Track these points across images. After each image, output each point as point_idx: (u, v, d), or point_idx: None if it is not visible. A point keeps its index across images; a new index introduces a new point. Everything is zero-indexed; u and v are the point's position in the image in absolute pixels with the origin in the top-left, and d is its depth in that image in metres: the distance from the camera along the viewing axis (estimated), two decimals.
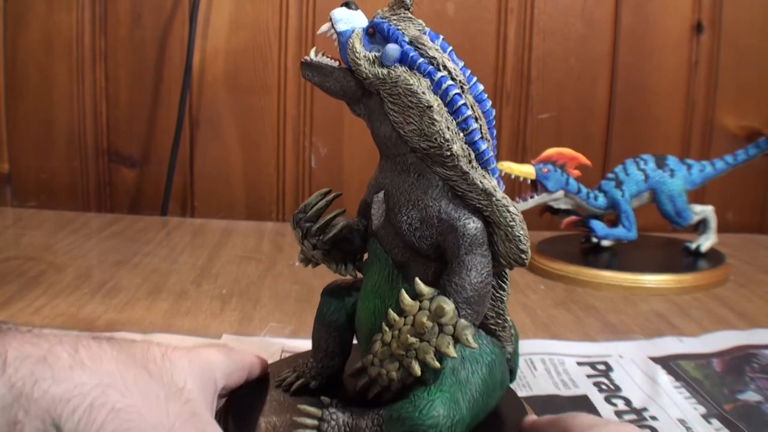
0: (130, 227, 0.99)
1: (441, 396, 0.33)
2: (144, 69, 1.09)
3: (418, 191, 0.35)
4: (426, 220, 0.35)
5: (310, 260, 0.41)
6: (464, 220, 0.34)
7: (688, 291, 0.76)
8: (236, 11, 1.07)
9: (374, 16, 0.37)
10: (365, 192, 0.40)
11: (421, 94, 0.33)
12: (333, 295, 0.42)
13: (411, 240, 0.35)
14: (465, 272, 0.34)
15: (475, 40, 1.07)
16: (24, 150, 1.11)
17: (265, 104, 1.10)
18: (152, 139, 1.10)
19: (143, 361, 0.31)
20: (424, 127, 0.33)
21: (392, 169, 0.37)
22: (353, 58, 0.35)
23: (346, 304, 0.42)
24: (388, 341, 0.34)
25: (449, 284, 0.34)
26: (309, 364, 0.42)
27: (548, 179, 0.81)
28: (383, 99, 0.35)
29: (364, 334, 0.39)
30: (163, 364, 0.32)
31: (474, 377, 0.35)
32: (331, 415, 0.35)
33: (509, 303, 0.40)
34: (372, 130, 0.37)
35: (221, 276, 0.76)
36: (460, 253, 0.34)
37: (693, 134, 1.12)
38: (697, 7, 1.08)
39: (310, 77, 0.37)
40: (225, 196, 1.12)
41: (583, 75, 1.10)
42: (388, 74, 0.34)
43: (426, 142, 0.33)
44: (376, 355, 0.34)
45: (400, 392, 0.35)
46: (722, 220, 0.88)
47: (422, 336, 0.33)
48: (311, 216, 0.40)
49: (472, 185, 0.34)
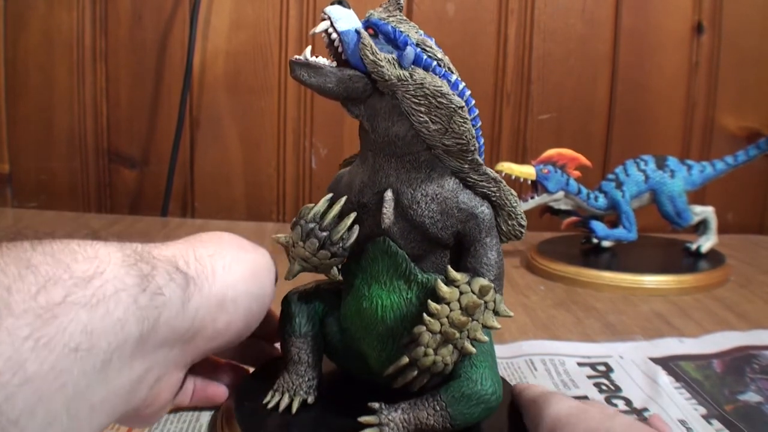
0: (131, 228, 0.99)
1: (485, 367, 0.37)
2: (144, 69, 1.09)
3: (434, 185, 0.37)
4: (446, 212, 0.37)
5: (312, 270, 0.39)
6: (481, 207, 0.38)
7: (688, 292, 0.76)
8: (236, 12, 1.07)
9: (368, 16, 0.36)
10: (348, 194, 0.39)
11: (452, 96, 0.35)
12: (302, 304, 0.42)
13: (434, 232, 0.37)
14: (490, 253, 0.38)
15: (475, 40, 1.07)
16: (24, 150, 1.11)
17: (265, 105, 1.10)
18: (153, 139, 1.10)
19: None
20: (453, 126, 0.36)
21: (397, 168, 0.37)
22: (375, 60, 0.35)
23: (317, 311, 0.42)
24: (438, 329, 0.36)
25: (480, 266, 0.37)
26: (294, 380, 0.41)
27: (548, 180, 0.81)
28: (402, 100, 0.35)
29: (378, 332, 0.38)
30: None
31: (490, 344, 0.39)
32: (388, 417, 0.36)
33: (510, 304, 0.40)
34: (374, 130, 0.37)
35: None
36: (482, 237, 0.38)
37: (693, 135, 1.12)
38: (698, 7, 1.08)
39: (305, 78, 0.36)
40: (225, 197, 1.12)
41: (583, 75, 1.10)
42: (411, 76, 0.35)
43: (453, 139, 0.36)
44: (428, 345, 0.36)
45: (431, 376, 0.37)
46: (722, 220, 0.88)
47: (472, 316, 0.36)
48: (329, 224, 0.38)
49: (483, 175, 0.38)
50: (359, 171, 0.39)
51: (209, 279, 0.36)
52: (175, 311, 0.33)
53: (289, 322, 0.41)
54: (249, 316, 0.38)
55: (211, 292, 0.36)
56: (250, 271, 0.39)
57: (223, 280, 0.36)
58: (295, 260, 0.39)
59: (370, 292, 0.38)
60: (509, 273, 0.82)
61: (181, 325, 0.33)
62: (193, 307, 0.34)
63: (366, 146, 0.38)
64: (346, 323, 0.41)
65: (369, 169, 0.38)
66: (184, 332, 0.34)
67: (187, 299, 0.34)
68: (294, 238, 0.38)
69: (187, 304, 0.34)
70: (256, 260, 0.40)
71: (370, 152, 0.38)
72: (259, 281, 0.39)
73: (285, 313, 0.42)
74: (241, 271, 0.38)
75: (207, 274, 0.36)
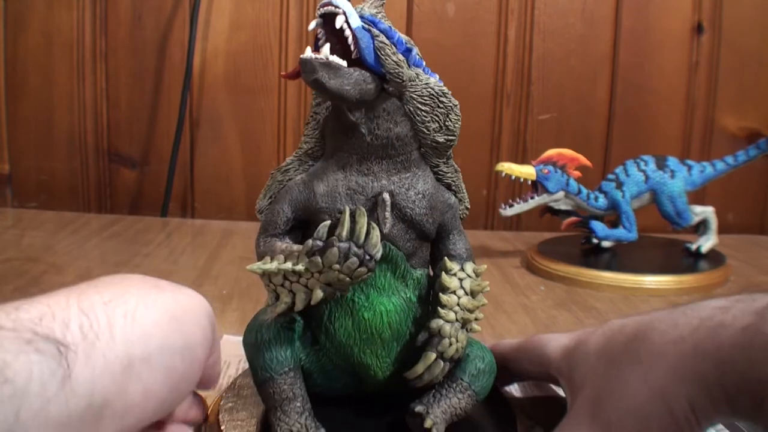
0: (131, 228, 0.99)
1: (475, 341, 0.40)
2: (144, 70, 1.09)
3: (421, 182, 0.38)
4: (434, 206, 0.38)
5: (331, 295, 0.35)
6: (452, 198, 0.40)
7: (688, 292, 0.76)
8: (236, 12, 1.07)
9: (360, 12, 0.34)
10: (331, 203, 0.36)
11: (450, 95, 0.37)
12: (282, 340, 0.37)
13: (427, 227, 0.38)
14: (464, 237, 0.40)
15: (475, 40, 1.07)
16: (24, 151, 1.11)
17: (265, 105, 1.10)
18: (153, 139, 1.10)
19: None
20: (449, 124, 0.37)
21: (389, 170, 0.36)
22: (397, 60, 0.34)
23: (295, 340, 0.37)
24: (454, 318, 0.37)
25: (463, 251, 0.40)
26: (297, 420, 0.35)
27: (549, 180, 0.81)
28: (408, 100, 0.35)
29: (382, 339, 0.37)
30: None
31: None
32: (434, 416, 0.36)
33: (510, 304, 0.41)
34: (371, 133, 0.35)
35: (222, 277, 0.76)
36: (457, 224, 0.40)
37: (693, 135, 1.12)
38: (698, 8, 1.08)
39: (325, 80, 0.32)
40: (225, 197, 1.12)
41: (583, 75, 1.10)
42: (418, 76, 0.36)
43: (445, 136, 0.37)
44: (451, 336, 0.37)
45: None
46: (723, 221, 0.88)
47: (476, 298, 0.38)
48: (359, 239, 0.34)
49: (450, 166, 0.40)
50: (338, 177, 0.36)
51: (103, 336, 0.27)
52: (49, 396, 0.24)
53: (270, 359, 0.36)
54: (172, 377, 0.30)
55: (110, 354, 0.27)
56: (168, 317, 0.30)
57: (126, 335, 0.28)
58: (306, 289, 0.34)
59: (370, 301, 0.37)
60: (509, 273, 0.82)
61: (64, 412, 0.25)
62: (82, 381, 0.25)
63: (349, 150, 0.36)
64: (334, 341, 0.37)
65: (355, 174, 0.36)
66: (78, 418, 0.25)
67: (67, 375, 0.25)
68: (326, 262, 0.33)
69: (67, 382, 0.25)
70: (176, 300, 0.32)
71: (355, 156, 0.36)
72: (182, 328, 0.30)
73: (258, 350, 0.36)
74: (152, 318, 0.29)
75: (99, 330, 0.27)
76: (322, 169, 0.37)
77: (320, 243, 0.33)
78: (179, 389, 0.31)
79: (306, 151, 0.39)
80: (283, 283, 0.34)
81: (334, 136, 0.37)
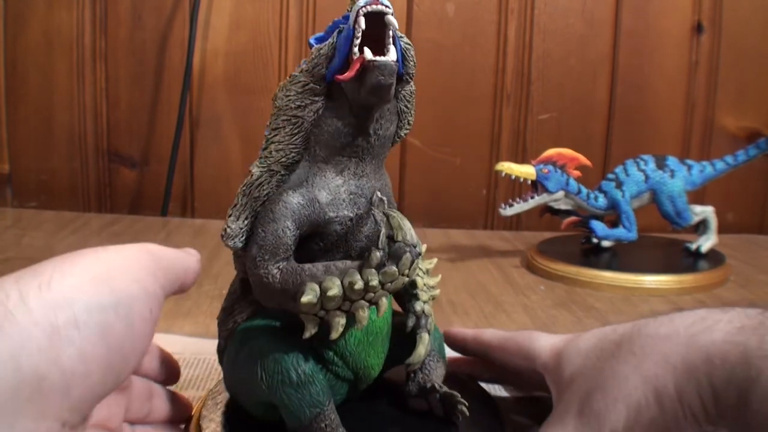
0: (131, 228, 0.99)
1: None
2: (144, 69, 1.09)
3: (386, 176, 0.38)
4: (390, 200, 0.37)
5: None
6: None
7: (688, 292, 0.76)
8: (236, 12, 1.07)
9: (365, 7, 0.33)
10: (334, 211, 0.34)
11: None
12: (319, 368, 0.34)
13: None
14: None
15: (475, 40, 1.07)
16: (24, 150, 1.11)
17: (265, 105, 1.09)
18: (152, 139, 1.10)
19: None
20: (412, 117, 0.37)
21: (375, 169, 0.36)
22: (414, 60, 0.34)
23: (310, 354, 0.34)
24: (427, 298, 0.39)
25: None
26: None
27: (548, 180, 0.81)
28: (401, 98, 0.35)
29: (383, 336, 0.38)
30: None
31: None
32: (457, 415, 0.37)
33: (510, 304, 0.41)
34: (375, 133, 0.35)
35: (222, 276, 0.76)
36: (395, 205, 0.40)
37: (693, 135, 1.12)
38: (698, 7, 1.08)
39: (383, 81, 0.31)
40: (225, 197, 1.12)
41: (583, 75, 1.10)
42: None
43: (406, 130, 0.37)
44: (430, 314, 0.39)
45: None
46: (722, 220, 0.88)
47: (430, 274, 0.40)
48: (413, 237, 0.33)
49: None
50: (338, 183, 0.35)
51: (17, 311, 0.26)
52: None
53: (317, 393, 0.33)
54: (110, 335, 0.28)
55: (28, 324, 0.25)
56: (89, 277, 0.28)
57: (44, 304, 0.26)
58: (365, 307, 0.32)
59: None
60: (509, 273, 0.82)
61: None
62: (5, 358, 0.24)
63: (350, 154, 0.35)
64: (345, 352, 0.35)
65: (352, 177, 0.35)
66: (12, 396, 0.24)
67: None
68: (402, 269, 0.32)
69: None
70: (98, 260, 0.30)
71: (353, 159, 0.35)
72: (110, 285, 0.29)
73: (302, 387, 0.33)
74: (71, 282, 0.28)
75: (11, 305, 0.26)
76: (315, 176, 0.35)
77: (381, 253, 0.32)
78: (122, 347, 0.29)
79: (278, 159, 0.36)
80: (341, 305, 0.32)
81: (334, 141, 0.34)
